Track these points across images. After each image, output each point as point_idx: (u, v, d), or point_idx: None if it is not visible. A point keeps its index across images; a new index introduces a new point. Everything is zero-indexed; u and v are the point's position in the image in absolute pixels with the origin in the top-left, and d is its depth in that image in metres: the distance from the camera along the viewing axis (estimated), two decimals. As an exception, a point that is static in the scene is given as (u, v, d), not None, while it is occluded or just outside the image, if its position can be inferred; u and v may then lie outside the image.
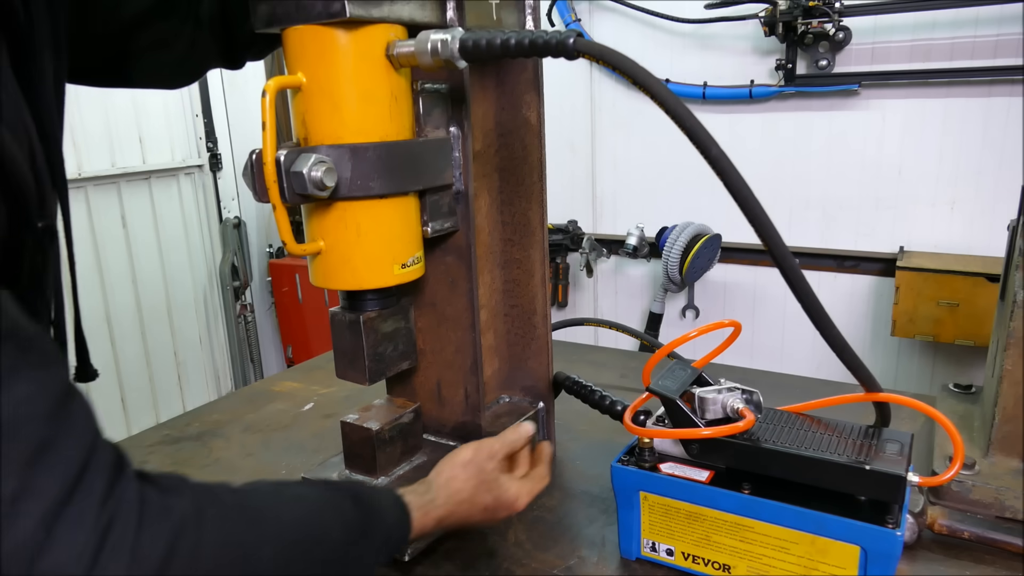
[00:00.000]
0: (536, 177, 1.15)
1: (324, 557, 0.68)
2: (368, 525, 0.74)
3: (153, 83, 1.03)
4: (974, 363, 3.07)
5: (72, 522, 0.49)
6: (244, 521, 0.61)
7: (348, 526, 0.72)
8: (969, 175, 2.97)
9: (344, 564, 0.71)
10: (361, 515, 0.74)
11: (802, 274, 0.77)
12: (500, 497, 0.92)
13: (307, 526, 0.68)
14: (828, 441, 0.85)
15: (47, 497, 0.48)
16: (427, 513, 0.85)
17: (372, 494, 0.79)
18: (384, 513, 0.78)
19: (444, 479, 0.91)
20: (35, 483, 0.48)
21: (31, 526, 0.47)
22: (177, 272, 3.82)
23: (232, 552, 0.58)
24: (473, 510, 0.90)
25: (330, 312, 0.98)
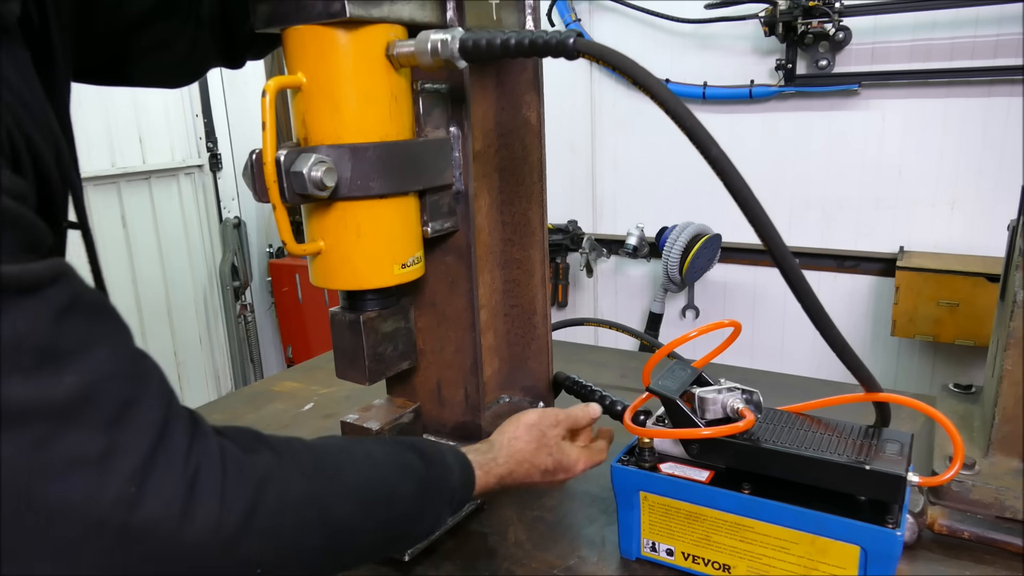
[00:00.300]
0: (536, 177, 1.15)
1: (394, 512, 0.72)
2: (435, 482, 0.78)
3: (154, 82, 1.03)
4: (974, 363, 3.07)
5: (161, 475, 0.52)
6: (321, 477, 0.64)
7: (417, 482, 0.75)
8: (969, 175, 2.96)
9: (412, 519, 0.74)
10: (429, 472, 0.77)
11: (802, 274, 0.77)
12: (560, 461, 0.94)
13: (379, 482, 0.71)
14: (828, 441, 0.85)
15: (135, 453, 0.51)
16: (489, 471, 0.88)
17: (438, 452, 0.82)
18: (450, 471, 0.81)
19: (507, 439, 0.93)
20: (122, 441, 0.51)
21: (122, 482, 0.50)
22: (177, 272, 3.82)
23: (310, 506, 0.62)
24: (533, 471, 0.92)
25: (330, 312, 0.98)
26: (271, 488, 0.59)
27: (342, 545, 0.66)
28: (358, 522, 0.67)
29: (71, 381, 0.49)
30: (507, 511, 1.10)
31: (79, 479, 0.49)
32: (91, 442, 0.49)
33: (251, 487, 0.57)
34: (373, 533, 0.69)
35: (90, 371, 0.51)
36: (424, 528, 0.76)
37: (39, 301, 0.49)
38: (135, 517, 0.50)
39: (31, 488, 0.48)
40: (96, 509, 0.49)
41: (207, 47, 0.97)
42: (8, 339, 0.47)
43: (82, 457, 0.49)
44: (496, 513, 1.10)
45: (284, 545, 0.59)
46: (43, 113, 0.60)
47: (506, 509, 1.11)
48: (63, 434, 0.48)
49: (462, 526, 1.06)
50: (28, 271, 0.48)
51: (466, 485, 0.83)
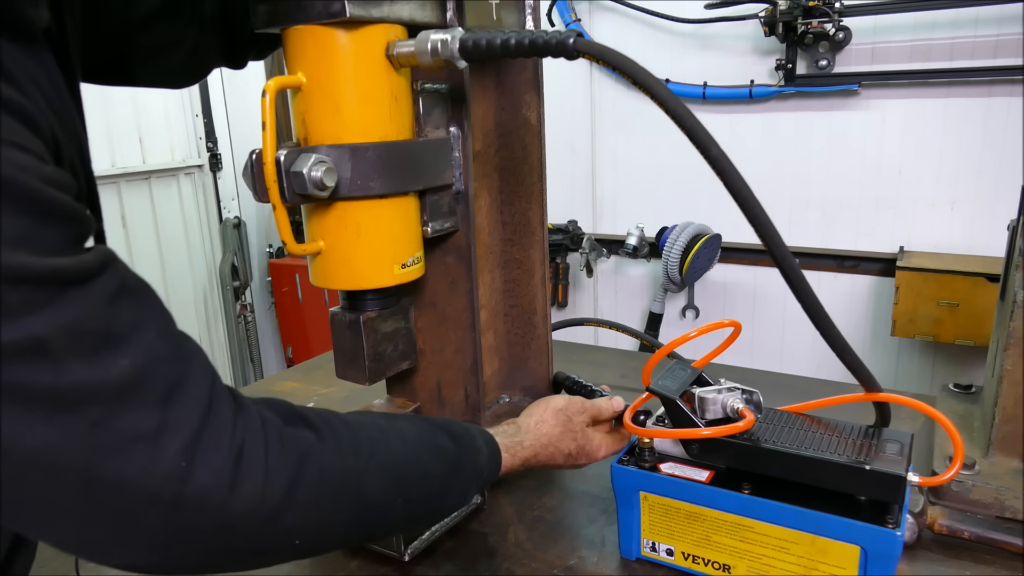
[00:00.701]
0: (536, 177, 1.15)
1: (424, 490, 0.75)
2: (464, 461, 0.81)
3: (157, 82, 1.04)
4: (974, 363, 3.07)
5: (209, 449, 0.55)
6: (357, 455, 0.68)
7: (447, 462, 0.78)
8: (969, 175, 2.96)
9: (440, 497, 0.78)
10: (459, 451, 0.80)
11: (802, 274, 0.77)
12: (584, 446, 0.98)
13: (412, 459, 0.75)
14: (828, 441, 0.85)
15: (186, 429, 0.55)
16: (515, 454, 0.91)
17: (468, 433, 0.84)
18: (479, 452, 0.84)
19: (534, 422, 0.97)
20: (172, 418, 0.54)
21: (175, 457, 0.54)
22: (177, 272, 3.82)
23: (349, 479, 0.66)
24: (557, 454, 0.96)
25: (330, 312, 0.98)
26: (311, 463, 0.62)
27: (373, 519, 0.70)
28: (390, 498, 0.70)
29: (125, 364, 0.52)
30: (507, 511, 1.10)
31: (135, 455, 0.52)
32: (145, 420, 0.53)
33: (293, 460, 0.61)
34: (403, 509, 0.72)
35: (143, 354, 0.54)
36: (451, 505, 0.80)
37: (93, 289, 0.52)
38: (187, 488, 0.54)
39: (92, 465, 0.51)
40: (152, 482, 0.53)
41: (209, 48, 0.98)
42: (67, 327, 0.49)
43: (138, 434, 0.52)
44: (496, 513, 1.10)
45: (321, 517, 0.63)
46: (69, 116, 0.61)
47: (506, 509, 1.11)
48: (119, 414, 0.52)
49: (462, 526, 1.06)
50: (82, 262, 0.51)
51: (493, 466, 0.86)
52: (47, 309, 0.49)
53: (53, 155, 0.55)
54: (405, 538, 0.97)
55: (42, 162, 0.51)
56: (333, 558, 1.00)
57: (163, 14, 0.92)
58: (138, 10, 0.90)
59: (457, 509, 0.81)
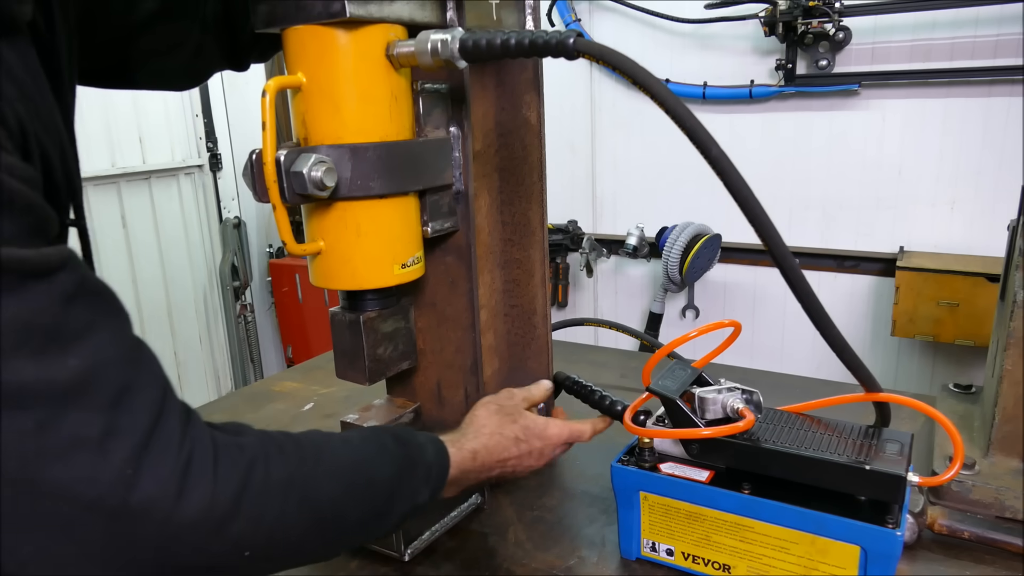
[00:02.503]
0: (536, 177, 1.15)
1: (373, 491, 0.74)
2: (412, 457, 0.80)
3: (158, 85, 1.04)
4: (974, 363, 3.07)
5: (156, 457, 0.54)
6: (305, 460, 0.67)
7: (392, 461, 0.77)
8: (969, 175, 2.97)
9: (391, 497, 0.76)
10: (404, 451, 0.79)
11: (802, 274, 0.77)
12: (528, 426, 0.97)
13: (356, 464, 0.74)
14: (828, 441, 0.85)
15: (133, 436, 0.53)
16: (461, 446, 0.90)
17: (410, 432, 0.84)
18: (423, 448, 0.83)
19: (467, 419, 0.97)
20: (120, 423, 0.53)
21: (120, 463, 0.52)
22: (177, 272, 3.82)
23: (297, 486, 0.64)
24: (504, 441, 0.94)
25: (330, 312, 0.98)
26: (257, 471, 0.61)
27: (326, 525, 0.68)
28: (340, 503, 0.69)
29: (75, 364, 0.51)
30: (507, 511, 1.10)
31: (79, 460, 0.50)
32: (91, 424, 0.51)
33: (241, 470, 0.59)
34: (355, 512, 0.71)
35: (93, 355, 0.52)
36: (404, 506, 0.78)
37: (49, 285, 0.51)
38: (132, 497, 0.52)
39: (33, 467, 0.49)
40: (95, 489, 0.51)
41: (212, 49, 0.98)
42: (19, 320, 0.48)
43: (82, 438, 0.51)
44: (496, 513, 1.10)
45: (270, 526, 0.61)
46: (48, 111, 0.61)
47: (506, 509, 1.11)
48: (65, 415, 0.50)
49: (462, 526, 1.06)
50: (41, 255, 0.50)
51: (440, 459, 0.85)
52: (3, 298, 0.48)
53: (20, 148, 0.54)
54: (405, 538, 0.97)
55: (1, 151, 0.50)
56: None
57: (165, 15, 0.92)
58: (139, 12, 0.90)
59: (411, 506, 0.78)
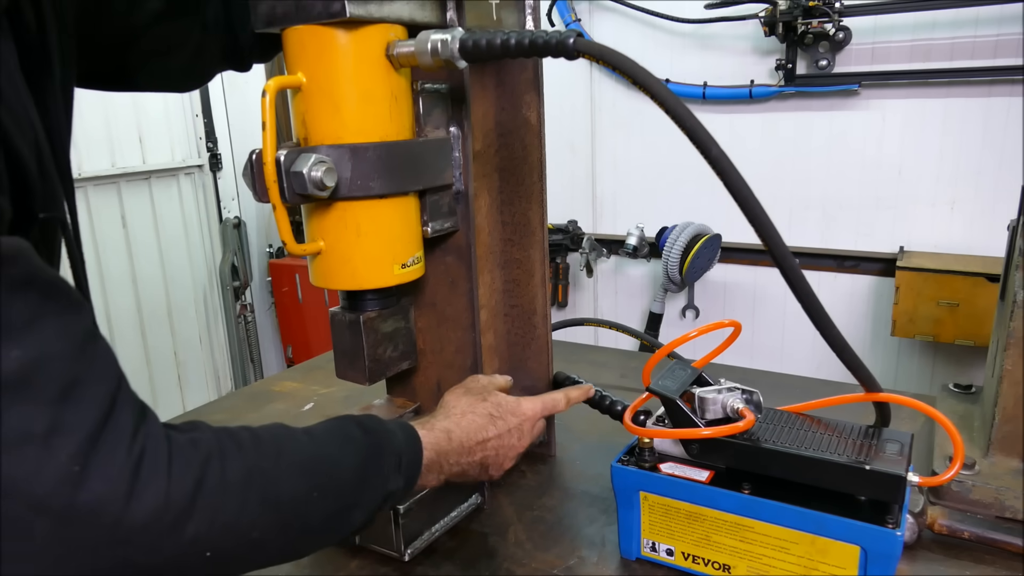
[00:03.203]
0: (536, 177, 1.15)
1: (338, 480, 0.71)
2: (380, 445, 0.77)
3: (160, 87, 1.04)
4: (974, 363, 3.07)
5: (105, 455, 0.52)
6: (263, 453, 0.65)
7: (361, 449, 0.75)
8: (969, 175, 2.96)
9: (358, 487, 0.73)
10: (371, 438, 0.77)
11: (802, 274, 0.77)
12: (500, 403, 0.95)
13: (319, 453, 0.71)
14: (828, 441, 0.85)
15: (79, 432, 0.51)
16: (432, 427, 0.87)
17: (377, 420, 0.81)
18: (392, 434, 0.80)
19: (438, 404, 0.96)
20: (66, 419, 0.51)
21: (66, 460, 0.50)
22: (177, 272, 3.82)
23: (256, 482, 0.62)
24: (478, 419, 0.92)
25: (330, 312, 0.98)
26: (213, 465, 0.59)
27: (289, 522, 0.65)
28: (302, 494, 0.66)
29: (18, 355, 0.49)
30: (507, 511, 1.10)
31: (24, 456, 0.49)
32: (36, 418, 0.50)
33: (196, 467, 0.57)
34: (320, 504, 0.68)
35: (38, 347, 0.51)
36: (375, 496, 0.74)
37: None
38: (79, 496, 0.50)
39: None
40: (40, 487, 0.49)
41: (212, 50, 0.97)
42: None
43: (26, 433, 0.49)
44: (496, 513, 1.10)
45: (228, 522, 0.59)
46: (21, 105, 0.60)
47: (506, 509, 1.11)
48: (7, 409, 0.49)
49: (462, 526, 1.06)
50: None
51: (412, 444, 0.82)
52: None
53: None
54: (405, 538, 0.97)
55: None
56: (333, 558, 1.01)
57: (165, 16, 0.92)
58: (140, 12, 0.90)
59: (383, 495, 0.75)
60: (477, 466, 0.92)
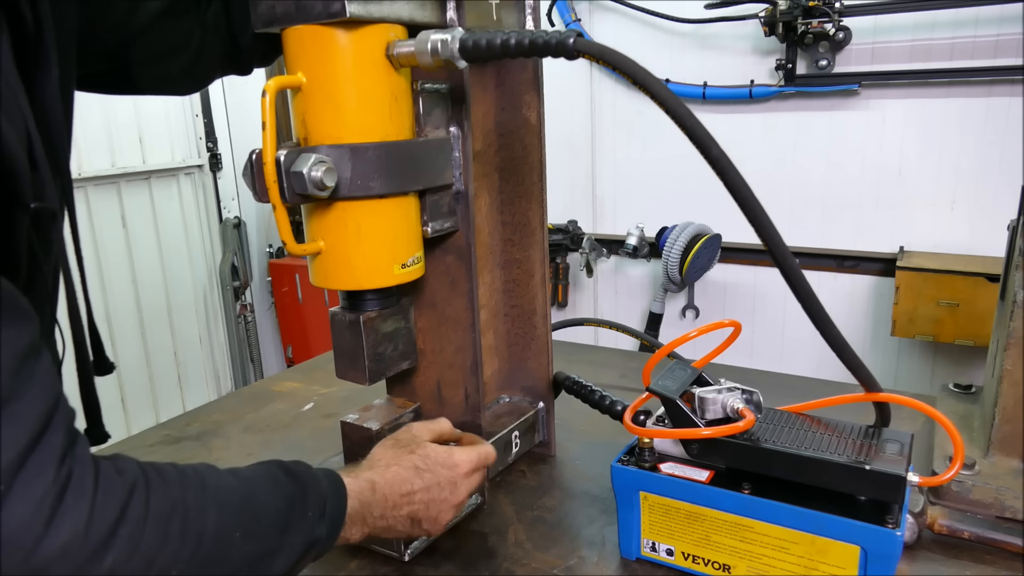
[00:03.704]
0: (536, 177, 1.15)
1: (265, 521, 0.69)
2: (305, 489, 0.75)
3: (160, 89, 1.03)
4: (974, 363, 3.07)
5: (32, 476, 0.51)
6: (187, 487, 0.63)
7: (285, 491, 0.73)
8: (969, 175, 2.97)
9: (285, 528, 0.71)
10: (295, 483, 0.75)
11: (802, 274, 0.77)
12: (428, 455, 0.90)
13: (243, 492, 0.69)
14: (828, 441, 0.85)
15: (6, 451, 0.50)
16: (356, 475, 0.84)
17: (303, 465, 0.79)
18: (317, 480, 0.78)
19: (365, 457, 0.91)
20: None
21: None
22: (177, 272, 3.82)
23: (179, 513, 0.60)
24: (403, 472, 0.87)
25: (330, 312, 0.98)
26: (137, 497, 0.57)
27: (210, 560, 0.62)
28: (225, 533, 0.64)
29: None
30: (507, 511, 1.10)
31: None
32: None
33: (120, 495, 0.56)
34: (243, 544, 0.66)
35: None
36: (298, 541, 0.72)
37: None
38: None
39: None
40: None
41: (213, 53, 0.97)
42: None
43: None
44: (496, 513, 1.10)
45: (148, 556, 0.57)
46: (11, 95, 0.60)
47: (506, 509, 1.11)
48: None
49: (462, 526, 1.06)
50: None
51: (336, 489, 0.79)
52: None
53: None
54: (405, 538, 0.97)
55: None
56: (333, 558, 1.01)
57: (165, 17, 0.92)
58: (140, 14, 0.90)
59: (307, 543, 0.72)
60: (406, 520, 0.87)
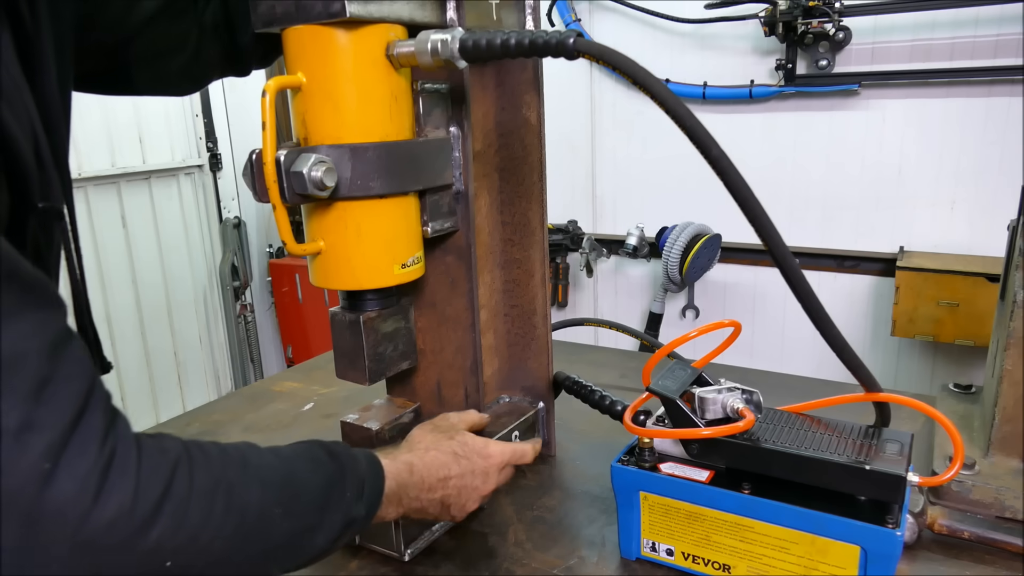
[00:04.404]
0: (536, 177, 1.15)
1: (301, 499, 0.70)
2: (344, 469, 0.76)
3: (159, 90, 1.03)
4: (974, 363, 3.07)
5: (76, 454, 0.52)
6: (229, 465, 0.64)
7: (325, 470, 0.74)
8: (969, 175, 2.97)
9: (325, 509, 0.73)
10: (335, 462, 0.76)
11: (802, 274, 0.77)
12: (466, 443, 0.94)
13: (284, 470, 0.70)
14: (828, 441, 0.85)
15: (50, 430, 0.51)
16: (395, 458, 0.86)
17: (342, 445, 0.81)
18: (356, 460, 0.79)
19: (404, 439, 0.96)
20: (38, 416, 0.51)
21: (36, 458, 0.50)
22: (177, 272, 3.82)
23: (222, 490, 0.61)
24: (441, 456, 0.91)
25: (330, 312, 0.98)
26: (181, 472, 0.58)
27: (252, 535, 0.64)
28: (267, 509, 0.65)
29: None
30: (507, 511, 1.10)
31: None
32: (7, 414, 0.49)
33: (164, 471, 0.57)
34: (284, 521, 0.67)
35: (11, 344, 0.51)
36: (337, 520, 0.73)
37: None
38: (47, 494, 0.50)
39: None
40: (9, 483, 0.49)
41: (211, 53, 0.97)
42: None
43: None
44: (496, 513, 1.10)
45: (192, 531, 0.58)
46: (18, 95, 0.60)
47: (506, 509, 1.11)
48: None
49: (462, 526, 1.06)
50: None
51: (375, 471, 0.81)
52: None
53: None
54: (405, 538, 0.97)
55: None
56: (333, 558, 1.00)
57: (163, 17, 0.91)
58: (137, 13, 0.90)
59: (345, 521, 0.74)
60: (437, 504, 0.90)
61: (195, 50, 0.96)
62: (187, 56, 0.96)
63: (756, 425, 0.87)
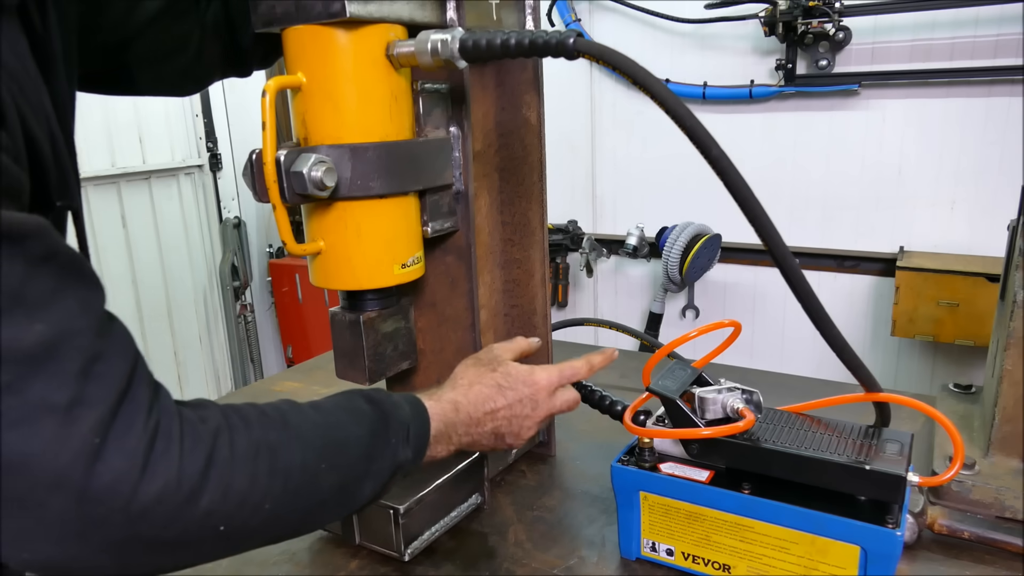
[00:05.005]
0: (536, 177, 1.15)
1: (351, 453, 0.72)
2: (387, 417, 0.77)
3: (159, 90, 1.03)
4: (974, 363, 3.07)
5: (124, 428, 0.53)
6: (269, 427, 0.65)
7: (368, 420, 0.75)
8: (969, 175, 2.97)
9: (371, 458, 0.74)
10: (377, 410, 0.77)
11: (802, 274, 0.77)
12: (509, 372, 0.94)
13: (330, 424, 0.72)
14: (828, 441, 0.85)
15: (100, 405, 0.52)
16: (439, 398, 0.87)
17: (384, 393, 0.81)
18: (399, 406, 0.80)
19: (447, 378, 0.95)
20: (88, 392, 0.52)
21: (87, 432, 0.51)
22: (177, 272, 3.82)
23: (264, 453, 0.63)
24: (485, 389, 0.91)
25: (330, 312, 0.98)
26: (222, 440, 0.60)
27: (299, 492, 0.65)
28: (312, 465, 0.67)
29: (40, 329, 0.50)
30: (507, 511, 1.10)
31: (44, 426, 0.50)
32: (58, 391, 0.50)
33: (206, 442, 0.59)
34: (331, 475, 0.68)
35: (60, 322, 0.52)
36: (384, 467, 0.75)
37: (18, 249, 0.50)
38: (97, 468, 0.51)
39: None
40: (60, 459, 0.50)
41: (212, 53, 0.97)
42: None
43: (49, 404, 0.50)
44: (496, 513, 1.10)
45: (241, 497, 0.60)
46: (37, 96, 0.61)
47: (506, 509, 1.11)
48: (30, 381, 0.49)
49: (462, 526, 1.06)
50: (12, 218, 0.50)
51: (419, 414, 0.82)
52: None
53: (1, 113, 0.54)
54: (405, 538, 0.97)
55: None
56: (333, 558, 1.01)
57: (164, 17, 0.92)
58: (139, 13, 0.90)
59: (393, 467, 0.75)
60: (490, 435, 0.91)
61: (197, 51, 0.96)
62: (189, 57, 0.96)
63: (756, 425, 0.87)
